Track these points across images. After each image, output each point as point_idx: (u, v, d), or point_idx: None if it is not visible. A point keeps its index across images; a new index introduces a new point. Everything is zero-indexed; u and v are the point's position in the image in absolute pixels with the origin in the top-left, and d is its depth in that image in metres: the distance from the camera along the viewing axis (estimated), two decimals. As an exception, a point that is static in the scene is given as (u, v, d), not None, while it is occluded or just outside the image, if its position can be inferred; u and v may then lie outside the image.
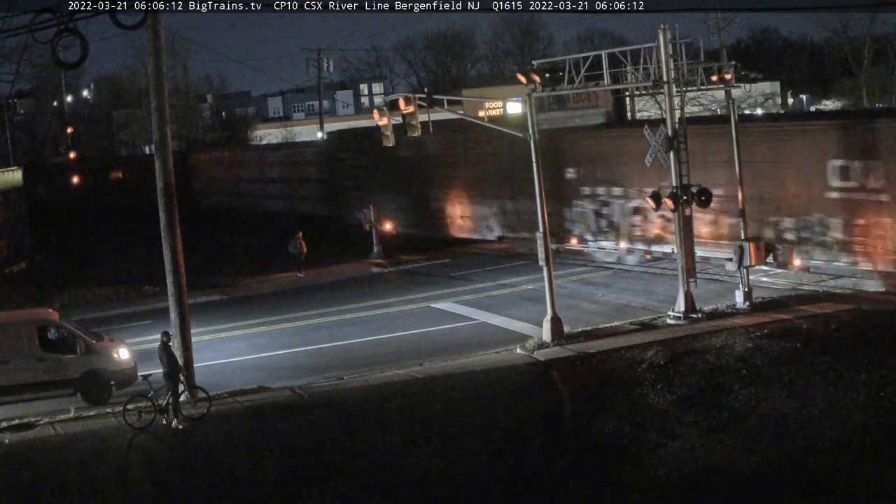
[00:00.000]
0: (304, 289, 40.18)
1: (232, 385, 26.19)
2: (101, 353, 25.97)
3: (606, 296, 34.01)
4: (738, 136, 30.62)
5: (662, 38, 28.35)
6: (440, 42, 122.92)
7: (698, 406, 22.24)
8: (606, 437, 21.18)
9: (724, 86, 30.51)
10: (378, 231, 45.67)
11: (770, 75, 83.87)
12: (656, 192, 29.18)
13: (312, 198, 63.89)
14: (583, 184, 41.45)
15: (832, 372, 23.13)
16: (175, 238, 25.41)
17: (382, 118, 30.04)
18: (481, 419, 22.59)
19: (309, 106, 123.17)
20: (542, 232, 28.59)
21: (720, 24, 65.64)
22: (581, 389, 24.14)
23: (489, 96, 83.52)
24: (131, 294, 40.49)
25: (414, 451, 21.09)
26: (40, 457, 22.03)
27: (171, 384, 23.40)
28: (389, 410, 23.55)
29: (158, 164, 25.38)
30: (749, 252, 29.59)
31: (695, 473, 19.27)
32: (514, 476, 19.85)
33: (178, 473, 20.93)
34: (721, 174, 33.10)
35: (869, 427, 20.32)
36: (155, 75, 25.26)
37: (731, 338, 26.27)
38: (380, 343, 30.40)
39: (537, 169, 28.53)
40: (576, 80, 30.27)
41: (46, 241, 57.13)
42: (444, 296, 36.43)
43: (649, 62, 29.07)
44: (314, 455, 21.28)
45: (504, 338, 29.29)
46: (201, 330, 31.40)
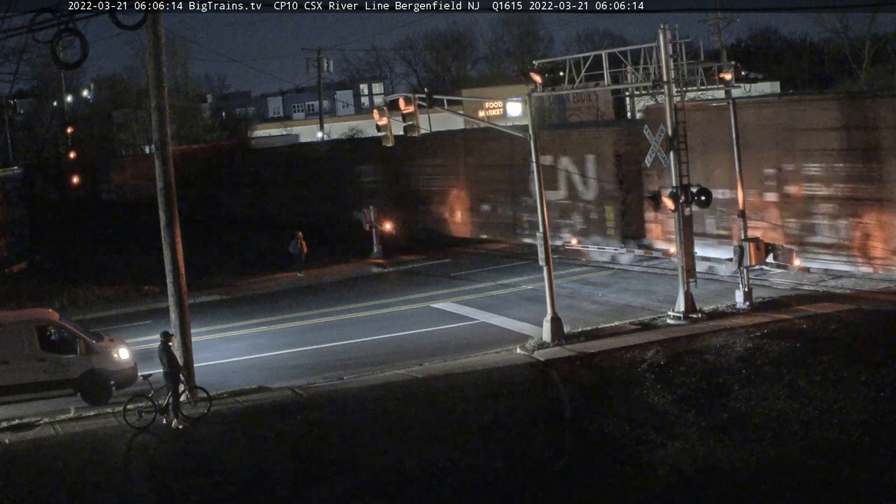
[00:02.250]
0: (304, 289, 40.19)
1: (232, 385, 26.20)
2: (101, 353, 25.97)
3: (606, 296, 34.01)
4: (738, 138, 30.66)
5: (662, 38, 28.35)
6: (440, 42, 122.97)
7: (698, 406, 22.25)
8: (606, 437, 21.18)
9: (724, 86, 30.52)
10: (378, 231, 45.68)
11: (770, 75, 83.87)
12: (656, 193, 29.17)
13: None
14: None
15: (832, 372, 23.13)
16: (175, 238, 25.41)
17: (382, 118, 30.04)
18: (481, 419, 22.59)
19: (309, 106, 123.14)
20: (542, 232, 28.58)
21: (720, 24, 65.71)
22: (581, 389, 24.15)
23: (489, 96, 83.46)
24: (131, 294, 40.50)
25: (414, 450, 21.09)
26: (40, 457, 22.04)
27: (171, 384, 23.40)
28: (389, 410, 23.55)
29: (158, 164, 25.37)
30: (749, 252, 29.59)
31: (695, 473, 19.27)
32: (514, 476, 19.85)
33: (178, 473, 20.93)
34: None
35: (869, 427, 20.32)
36: (155, 75, 25.25)
37: (731, 338, 26.27)
38: (380, 343, 30.40)
39: (537, 169, 28.53)
40: (576, 80, 30.29)
41: (46, 240, 57.13)
42: (444, 296, 36.44)
43: (649, 62, 29.08)
44: (314, 455, 21.29)
45: (504, 338, 29.29)
46: (201, 330, 31.40)
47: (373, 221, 45.65)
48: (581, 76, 30.23)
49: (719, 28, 65.73)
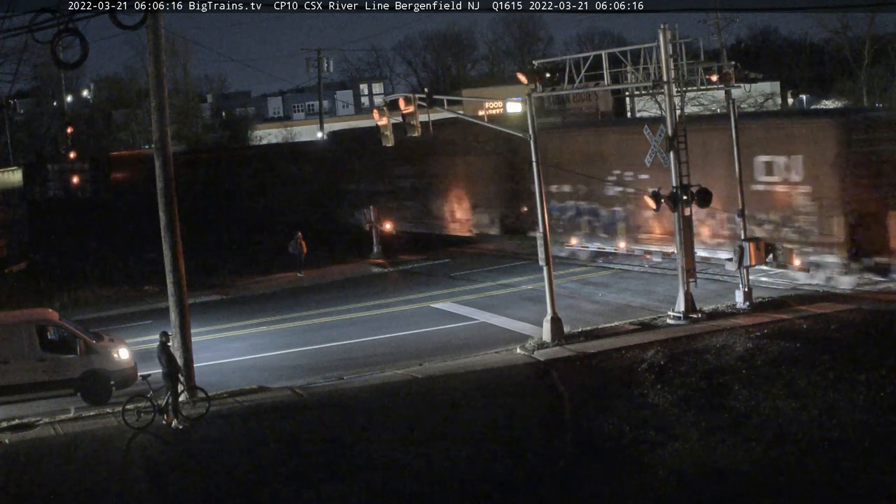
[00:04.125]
0: (304, 289, 40.18)
1: (231, 385, 26.18)
2: (101, 353, 25.96)
3: (606, 296, 34.00)
4: (738, 136, 30.64)
5: (662, 38, 28.36)
6: (440, 42, 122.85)
7: (698, 406, 22.25)
8: (606, 437, 21.17)
9: (724, 86, 30.53)
10: (378, 231, 45.64)
11: (770, 75, 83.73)
12: (656, 192, 29.16)
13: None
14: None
15: (832, 372, 23.14)
16: (175, 238, 25.41)
17: (382, 118, 30.04)
18: (481, 419, 22.58)
19: (309, 106, 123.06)
20: (542, 232, 28.58)
21: (720, 24, 65.67)
22: (581, 389, 24.14)
23: (489, 96, 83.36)
24: (131, 294, 40.50)
25: (414, 450, 21.09)
26: (40, 457, 22.03)
27: (171, 384, 23.40)
28: (389, 410, 23.55)
29: (158, 164, 25.37)
30: (749, 252, 29.59)
31: (695, 473, 19.28)
32: (514, 476, 19.85)
33: (178, 473, 20.92)
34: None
35: (869, 427, 20.32)
36: (155, 75, 25.25)
37: (731, 338, 26.27)
38: (380, 343, 30.39)
39: (537, 168, 28.52)
40: (576, 80, 30.29)
41: (46, 240, 57.05)
42: (444, 296, 36.43)
43: (649, 62, 29.09)
44: (314, 455, 21.28)
45: (504, 338, 29.29)
46: (201, 330, 31.38)
47: (373, 221, 45.62)
48: (581, 76, 30.24)
49: (719, 28, 65.70)
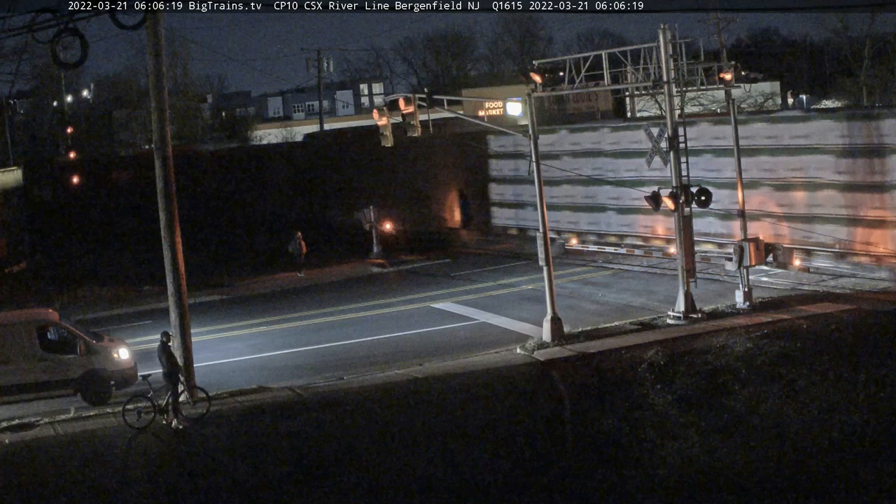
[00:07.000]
0: (304, 289, 40.19)
1: (232, 385, 26.18)
2: (101, 353, 25.96)
3: (606, 296, 34.00)
4: (738, 136, 30.66)
5: (662, 38, 28.35)
6: (440, 42, 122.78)
7: (698, 406, 22.25)
8: (606, 437, 21.18)
9: (724, 86, 30.53)
10: (378, 231, 45.63)
11: (770, 75, 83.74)
12: (656, 192, 29.16)
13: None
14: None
15: (832, 372, 23.14)
16: (175, 238, 25.41)
17: (382, 118, 30.05)
18: (481, 419, 22.59)
19: (309, 106, 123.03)
20: (541, 232, 28.58)
21: (720, 24, 65.64)
22: (581, 389, 24.14)
23: (489, 96, 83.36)
24: (131, 294, 40.50)
25: (414, 450, 21.10)
26: (40, 457, 22.04)
27: (171, 384, 23.39)
28: (389, 410, 23.55)
29: (158, 164, 25.37)
30: (749, 252, 29.59)
31: (695, 473, 19.29)
32: (514, 476, 19.85)
33: (178, 473, 20.94)
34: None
35: (869, 427, 20.33)
36: (155, 75, 25.24)
37: (731, 338, 26.26)
38: (380, 343, 30.39)
39: (537, 168, 28.52)
40: (576, 80, 30.29)
41: (46, 240, 57.09)
42: (444, 296, 36.43)
43: (649, 62, 29.08)
44: (314, 455, 21.29)
45: (504, 338, 29.28)
46: (201, 330, 31.38)
47: (373, 221, 45.60)
48: (581, 76, 30.24)
49: (719, 28, 65.67)
